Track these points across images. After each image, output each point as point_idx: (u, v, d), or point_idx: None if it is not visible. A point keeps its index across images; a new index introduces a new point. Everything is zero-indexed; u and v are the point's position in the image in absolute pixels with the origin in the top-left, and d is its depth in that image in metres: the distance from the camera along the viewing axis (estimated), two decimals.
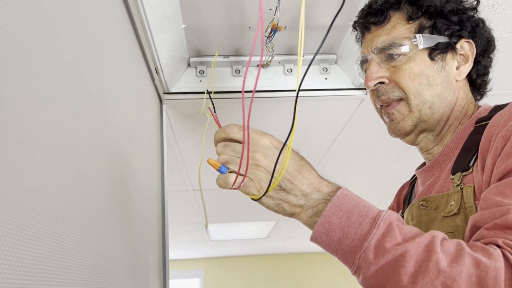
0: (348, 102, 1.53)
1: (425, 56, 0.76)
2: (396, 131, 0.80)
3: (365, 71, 0.81)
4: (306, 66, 1.51)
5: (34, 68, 0.45)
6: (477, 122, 0.74)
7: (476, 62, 0.79)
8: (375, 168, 2.32)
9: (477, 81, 0.81)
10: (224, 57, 1.39)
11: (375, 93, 0.81)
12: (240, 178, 0.60)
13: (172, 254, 5.11)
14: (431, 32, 0.77)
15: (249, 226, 3.98)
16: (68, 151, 0.55)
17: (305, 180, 0.60)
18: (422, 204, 0.75)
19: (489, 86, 0.84)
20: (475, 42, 0.78)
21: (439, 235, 0.53)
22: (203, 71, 1.41)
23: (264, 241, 4.80)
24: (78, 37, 0.61)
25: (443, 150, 0.77)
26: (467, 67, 0.78)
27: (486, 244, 0.52)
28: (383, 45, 0.77)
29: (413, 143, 0.81)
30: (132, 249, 0.90)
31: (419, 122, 0.77)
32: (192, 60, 1.39)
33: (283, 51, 1.40)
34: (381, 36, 0.79)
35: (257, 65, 1.43)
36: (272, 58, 1.34)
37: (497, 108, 0.75)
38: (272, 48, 1.18)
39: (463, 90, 0.79)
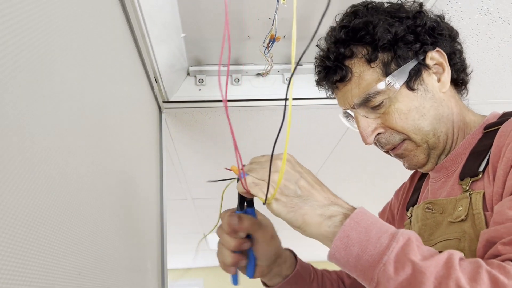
0: None
1: (405, 90, 0.73)
2: (413, 166, 0.79)
3: (355, 121, 0.79)
4: (306, 75, 1.50)
5: (33, 77, 0.46)
6: (485, 128, 0.73)
7: (451, 63, 0.76)
8: (374, 177, 2.31)
9: (459, 77, 0.78)
10: (223, 66, 1.40)
11: (377, 144, 0.79)
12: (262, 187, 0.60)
13: (171, 263, 5.08)
14: (397, 64, 0.73)
15: None
16: (67, 160, 0.55)
17: (323, 193, 0.60)
18: (427, 207, 0.74)
19: (469, 69, 0.81)
20: (440, 46, 0.75)
21: (457, 254, 0.52)
22: (202, 80, 1.42)
23: None
24: (78, 46, 0.61)
25: (450, 155, 0.76)
26: (447, 75, 0.76)
27: (503, 261, 0.52)
28: (360, 100, 0.74)
29: (432, 168, 0.79)
30: (131, 258, 0.90)
31: (430, 151, 0.76)
32: (191, 69, 1.40)
33: (282, 60, 1.41)
34: (353, 90, 0.75)
35: (256, 74, 1.43)
36: (271, 68, 1.34)
37: (507, 115, 0.74)
38: (271, 58, 1.19)
39: (453, 97, 0.77)
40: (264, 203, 0.60)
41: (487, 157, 0.67)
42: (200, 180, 2.23)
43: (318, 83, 0.83)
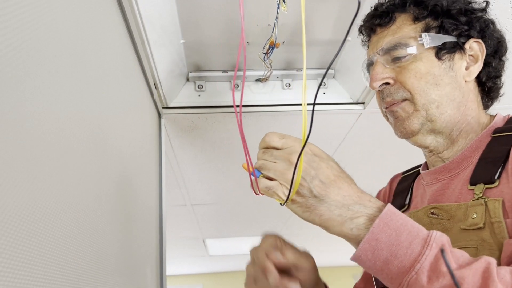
0: (346, 116, 1.54)
1: (431, 55, 0.74)
2: (402, 130, 0.76)
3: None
4: (306, 80, 1.50)
5: (32, 80, 0.46)
6: (494, 133, 0.72)
7: (486, 63, 0.77)
8: (374, 182, 2.31)
9: (487, 83, 0.78)
10: (222, 72, 1.40)
11: (381, 95, 0.78)
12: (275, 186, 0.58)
13: (170, 269, 5.06)
14: (438, 32, 0.75)
15: (248, 240, 3.96)
16: (66, 165, 0.55)
17: (342, 191, 0.57)
18: (433, 212, 0.72)
19: (501, 91, 0.82)
20: (485, 42, 0.76)
21: (493, 261, 0.51)
22: (201, 85, 1.42)
23: None
24: (77, 51, 0.61)
25: (457, 156, 0.74)
26: (477, 68, 0.76)
27: None
28: (389, 46, 0.76)
29: (421, 145, 0.78)
30: (130, 264, 0.90)
31: (426, 122, 0.74)
32: (191, 75, 1.40)
33: (282, 66, 1.41)
34: (387, 37, 0.77)
35: (255, 80, 1.44)
36: (270, 74, 1.35)
37: None
38: (270, 64, 1.19)
39: (473, 93, 0.77)
40: (282, 204, 0.58)
41: (503, 164, 0.66)
42: (199, 186, 2.23)
43: (361, 26, 0.85)
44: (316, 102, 1.56)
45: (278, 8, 0.96)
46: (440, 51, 0.74)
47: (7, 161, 0.39)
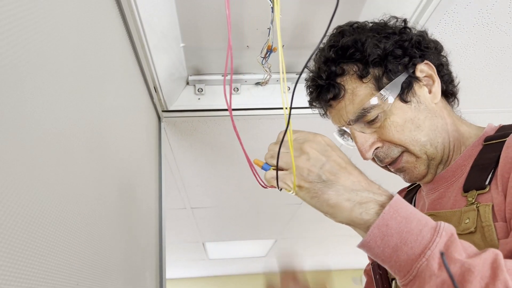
0: None
1: (398, 103, 0.74)
2: (414, 179, 0.78)
3: (351, 138, 0.79)
4: (303, 84, 1.51)
5: (32, 82, 0.46)
6: (485, 141, 0.73)
7: (439, 74, 0.78)
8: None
9: (449, 89, 0.80)
10: (222, 75, 1.41)
11: (376, 159, 0.79)
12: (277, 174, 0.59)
13: (169, 273, 5.06)
14: (388, 78, 0.75)
15: (248, 244, 3.95)
16: (66, 168, 0.55)
17: (352, 177, 0.58)
18: None
19: (456, 81, 0.82)
20: (428, 58, 0.77)
21: (500, 253, 0.52)
22: (201, 89, 1.42)
23: (263, 259, 4.75)
24: (77, 55, 0.61)
25: (451, 165, 0.76)
26: (437, 86, 0.77)
27: None
28: (355, 116, 0.75)
29: (431, 180, 0.79)
30: (129, 267, 0.89)
31: (429, 161, 0.76)
32: (190, 78, 1.41)
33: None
34: (347, 107, 0.76)
35: (256, 83, 1.44)
36: (270, 77, 1.35)
37: (505, 128, 0.74)
38: (269, 68, 1.19)
39: (444, 107, 0.79)
40: (279, 189, 0.59)
41: (493, 170, 0.67)
42: (199, 189, 2.23)
43: (311, 103, 0.84)
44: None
45: (272, 11, 0.96)
46: (402, 95, 0.74)
47: (7, 161, 0.39)
